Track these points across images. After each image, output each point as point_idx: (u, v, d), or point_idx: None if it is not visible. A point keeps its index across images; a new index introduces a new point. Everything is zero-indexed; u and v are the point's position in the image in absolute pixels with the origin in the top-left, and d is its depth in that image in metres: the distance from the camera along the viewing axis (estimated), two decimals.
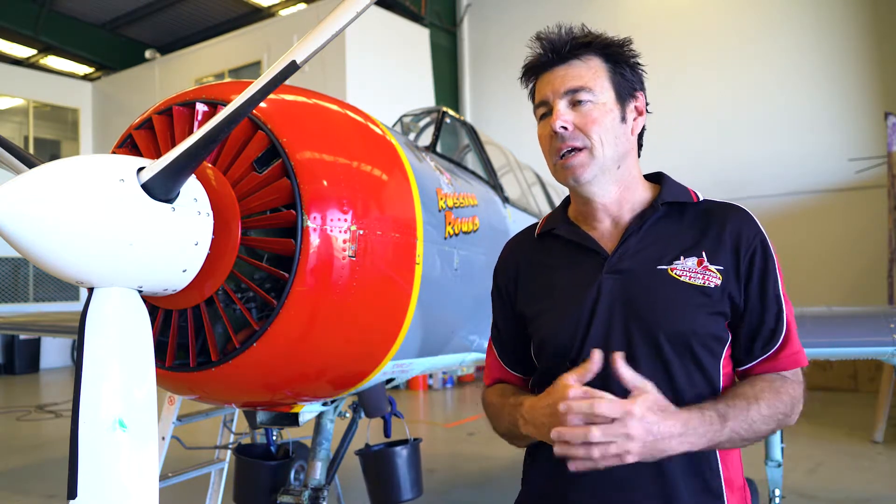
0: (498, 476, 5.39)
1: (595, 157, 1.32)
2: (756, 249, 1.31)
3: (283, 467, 3.10)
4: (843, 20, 9.82)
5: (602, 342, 1.30)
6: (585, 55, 1.34)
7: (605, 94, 1.33)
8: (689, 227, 1.35)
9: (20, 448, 6.73)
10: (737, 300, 1.30)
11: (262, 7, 14.33)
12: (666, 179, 1.43)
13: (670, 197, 1.38)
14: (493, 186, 3.40)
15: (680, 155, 10.26)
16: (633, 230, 1.35)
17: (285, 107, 1.73)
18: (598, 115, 1.32)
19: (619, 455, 1.08)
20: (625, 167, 1.37)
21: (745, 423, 1.20)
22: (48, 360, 13.43)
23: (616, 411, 1.08)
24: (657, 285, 1.29)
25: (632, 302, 1.30)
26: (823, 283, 8.91)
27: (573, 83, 1.32)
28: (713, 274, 1.29)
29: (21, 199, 1.10)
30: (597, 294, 1.32)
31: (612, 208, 1.38)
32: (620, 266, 1.33)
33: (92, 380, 1.18)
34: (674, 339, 1.27)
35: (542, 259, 1.47)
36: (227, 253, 1.53)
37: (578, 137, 1.31)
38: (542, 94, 1.37)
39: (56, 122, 15.39)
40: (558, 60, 1.35)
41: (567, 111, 1.32)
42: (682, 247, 1.32)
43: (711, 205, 1.39)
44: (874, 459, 5.57)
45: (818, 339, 3.01)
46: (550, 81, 1.35)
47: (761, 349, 1.32)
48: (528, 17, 12.16)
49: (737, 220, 1.34)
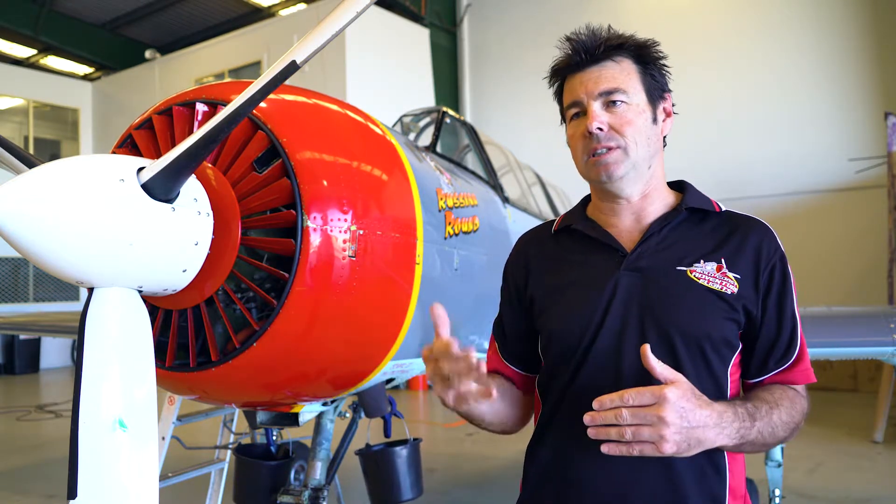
0: (498, 476, 5.39)
1: (629, 157, 1.32)
2: (776, 265, 1.33)
3: (283, 467, 3.10)
4: (843, 20, 9.82)
5: (616, 338, 1.30)
6: (618, 56, 1.35)
7: (638, 96, 1.35)
8: (710, 233, 1.36)
9: (20, 448, 6.73)
10: (753, 311, 1.30)
11: (262, 7, 14.32)
12: (689, 187, 1.44)
13: (694, 203, 1.39)
14: (493, 186, 3.40)
15: (680, 155, 10.23)
16: (655, 230, 1.36)
17: (285, 107, 1.73)
18: (632, 116, 1.33)
19: (653, 442, 1.06)
20: (653, 168, 1.38)
21: (769, 425, 1.21)
22: (48, 360, 13.43)
23: (647, 398, 1.07)
24: (675, 285, 1.30)
25: (649, 299, 1.30)
26: (823, 283, 8.90)
27: (607, 85, 1.33)
28: (731, 281, 1.29)
29: (21, 199, 1.10)
30: (613, 290, 1.32)
31: (636, 208, 1.39)
32: (639, 264, 1.33)
33: (92, 380, 1.18)
34: (688, 339, 1.27)
35: (556, 254, 1.47)
36: (227, 253, 1.53)
37: (613, 138, 1.32)
38: (575, 95, 1.36)
39: (56, 122, 15.39)
40: (591, 62, 1.35)
41: (602, 112, 1.32)
42: (702, 251, 1.33)
43: (733, 215, 1.40)
44: (874, 459, 5.57)
45: (818, 339, 3.01)
46: (583, 82, 1.35)
47: (775, 364, 1.33)
48: (528, 17, 12.16)
49: (758, 233, 1.35)
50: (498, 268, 1.64)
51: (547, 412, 1.40)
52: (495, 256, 2.70)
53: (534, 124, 11.02)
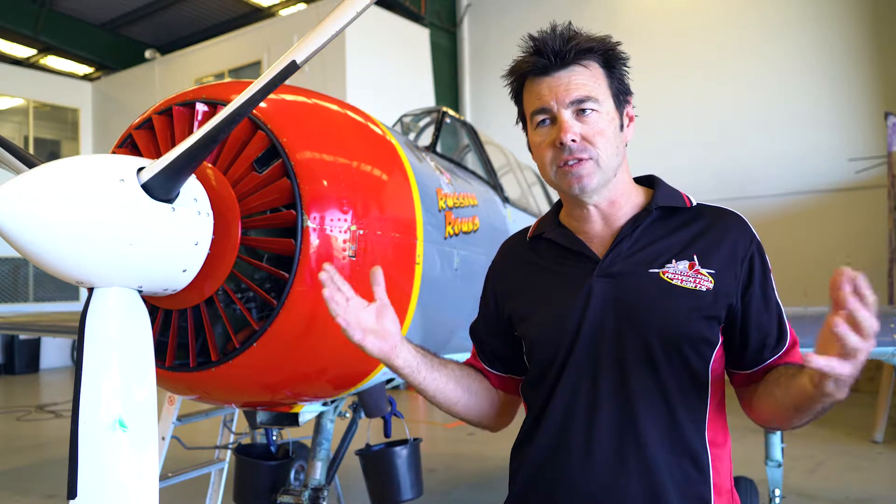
0: (498, 476, 5.39)
1: (601, 168, 1.30)
2: (754, 255, 1.32)
3: (283, 467, 3.10)
4: (843, 20, 9.81)
5: (593, 344, 1.30)
6: (586, 60, 1.31)
7: (607, 103, 1.32)
8: (681, 231, 1.35)
9: (20, 448, 6.73)
10: (733, 303, 1.30)
11: (262, 7, 14.32)
12: (659, 183, 1.42)
13: (663, 201, 1.37)
14: (493, 186, 3.40)
15: (680, 155, 10.26)
16: (626, 234, 1.35)
17: (285, 107, 1.73)
18: (603, 125, 1.29)
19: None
20: (620, 173, 1.36)
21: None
22: (48, 360, 13.43)
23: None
24: (649, 288, 1.29)
25: (623, 304, 1.30)
26: (823, 283, 8.83)
27: (579, 93, 1.28)
28: (705, 278, 1.28)
29: (21, 199, 1.10)
30: (587, 297, 1.32)
31: (606, 213, 1.37)
32: (612, 269, 1.33)
33: (92, 380, 1.18)
34: (664, 341, 1.27)
35: (532, 262, 1.46)
36: (227, 253, 1.53)
37: (585, 149, 1.28)
38: (543, 102, 1.30)
39: (56, 122, 15.38)
40: (559, 65, 1.30)
41: (574, 122, 1.28)
42: (673, 251, 1.32)
43: (704, 209, 1.38)
44: (874, 459, 5.57)
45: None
46: (552, 89, 1.29)
47: (770, 353, 1.33)
48: (528, 18, 12.14)
49: (730, 226, 1.34)
50: None
51: (532, 417, 1.41)
52: None
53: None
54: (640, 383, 1.27)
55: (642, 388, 1.27)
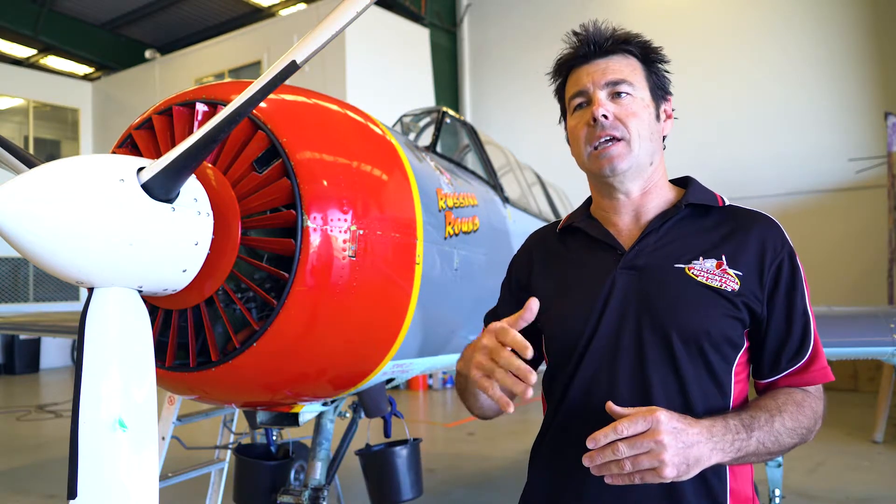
0: (498, 476, 5.39)
1: (632, 150, 1.32)
2: (783, 261, 1.30)
3: (283, 467, 3.10)
4: (843, 20, 9.82)
5: (613, 337, 1.30)
6: (624, 51, 1.36)
7: (643, 91, 1.35)
8: (711, 230, 1.34)
9: (20, 448, 6.74)
10: (757, 309, 1.28)
11: (262, 7, 14.33)
12: (693, 183, 1.43)
13: (695, 199, 1.37)
14: (493, 186, 3.40)
15: (680, 155, 10.18)
16: (654, 228, 1.35)
17: (285, 107, 1.73)
18: (636, 108, 1.33)
19: (654, 469, 1.05)
20: (655, 166, 1.37)
21: (770, 434, 1.18)
22: (48, 360, 13.44)
23: (640, 425, 1.06)
24: (672, 283, 1.28)
25: (646, 297, 1.29)
26: (823, 283, 8.89)
27: (614, 76, 1.34)
28: (731, 278, 1.27)
29: (21, 199, 1.10)
30: (610, 288, 1.32)
31: (635, 204, 1.38)
32: (636, 262, 1.33)
33: (92, 380, 1.17)
34: (685, 337, 1.25)
35: (558, 253, 1.47)
36: (227, 253, 1.53)
37: (618, 127, 1.31)
38: (581, 85, 1.36)
39: (56, 122, 15.39)
40: (598, 54, 1.36)
41: (608, 101, 1.33)
42: (702, 248, 1.31)
43: (737, 210, 1.38)
44: (874, 459, 5.57)
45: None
46: (590, 73, 1.35)
47: (787, 362, 1.30)
48: (528, 17, 12.15)
49: (763, 229, 1.32)
50: (498, 268, 1.64)
51: (551, 412, 1.40)
52: (495, 256, 2.70)
53: (533, 124, 11.02)
54: (658, 377, 1.26)
55: (660, 382, 1.25)
